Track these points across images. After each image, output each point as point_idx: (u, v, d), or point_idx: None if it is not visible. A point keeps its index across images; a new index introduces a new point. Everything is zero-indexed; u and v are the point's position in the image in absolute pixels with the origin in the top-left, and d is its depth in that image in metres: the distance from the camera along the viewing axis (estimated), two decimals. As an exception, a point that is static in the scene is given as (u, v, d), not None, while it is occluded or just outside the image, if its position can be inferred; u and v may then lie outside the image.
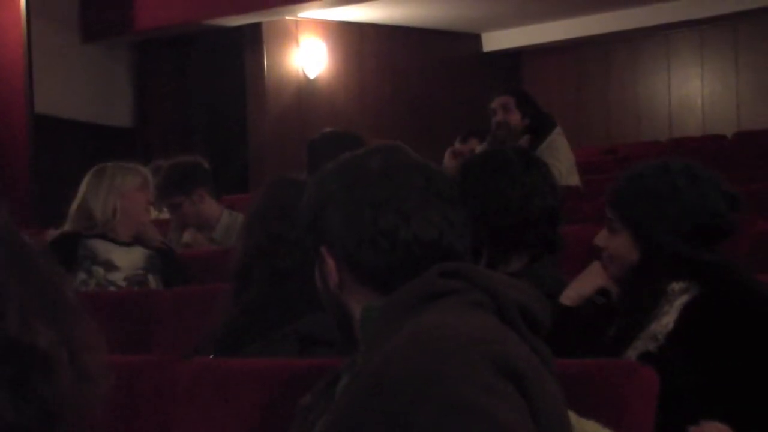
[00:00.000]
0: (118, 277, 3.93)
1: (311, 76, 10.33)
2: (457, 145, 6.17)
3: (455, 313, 1.36)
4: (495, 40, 11.91)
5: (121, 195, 3.92)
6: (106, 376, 0.93)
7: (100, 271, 3.92)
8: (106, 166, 3.99)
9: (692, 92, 11.42)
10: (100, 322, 0.95)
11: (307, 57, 10.30)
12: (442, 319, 1.34)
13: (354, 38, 10.77)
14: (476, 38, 11.92)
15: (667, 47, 11.53)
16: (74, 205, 3.99)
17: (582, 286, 2.40)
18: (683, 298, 2.20)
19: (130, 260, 3.96)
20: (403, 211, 1.49)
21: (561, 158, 5.24)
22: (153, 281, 3.98)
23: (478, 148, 5.49)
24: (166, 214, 5.11)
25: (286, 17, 10.04)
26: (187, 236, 4.63)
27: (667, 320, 2.19)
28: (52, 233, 4.13)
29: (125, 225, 3.94)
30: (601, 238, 2.35)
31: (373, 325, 1.43)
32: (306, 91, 10.29)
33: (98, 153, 5.98)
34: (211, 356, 2.37)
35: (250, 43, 10.07)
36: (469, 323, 1.33)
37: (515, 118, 5.31)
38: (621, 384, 1.71)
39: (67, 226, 4.00)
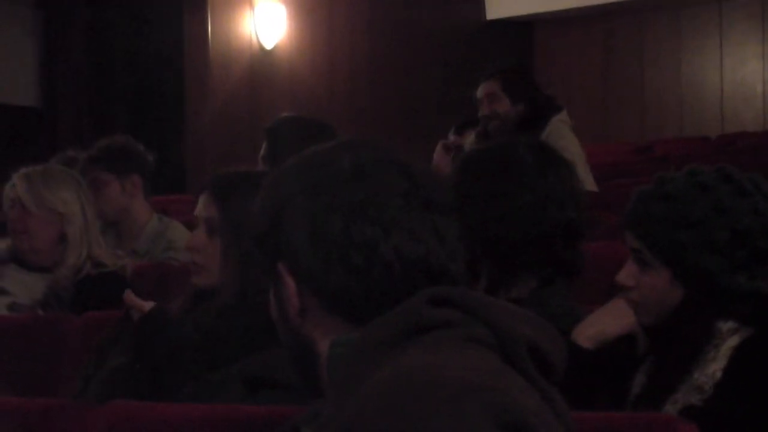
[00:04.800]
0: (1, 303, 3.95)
1: (267, 46, 10.32)
2: (451, 137, 6.18)
3: (447, 351, 1.36)
4: (502, 6, 11.93)
5: None
6: None
7: None
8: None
9: (750, 75, 11.46)
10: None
11: (262, 22, 10.29)
12: (430, 359, 1.34)
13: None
14: (478, 2, 11.95)
15: (719, 17, 11.57)
16: None
17: (605, 327, 2.38)
18: (732, 341, 2.23)
19: (29, 288, 3.98)
20: (382, 221, 1.50)
21: (572, 152, 5.19)
22: None
23: (467, 143, 5.49)
24: None
25: (237, -29, 10.05)
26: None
27: (714, 368, 2.21)
28: None
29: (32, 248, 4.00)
30: (627, 276, 2.34)
31: (344, 365, 1.43)
32: (260, 65, 10.27)
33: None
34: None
35: (190, 4, 10.05)
36: (464, 365, 1.33)
37: (504, 105, 5.31)
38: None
39: None
